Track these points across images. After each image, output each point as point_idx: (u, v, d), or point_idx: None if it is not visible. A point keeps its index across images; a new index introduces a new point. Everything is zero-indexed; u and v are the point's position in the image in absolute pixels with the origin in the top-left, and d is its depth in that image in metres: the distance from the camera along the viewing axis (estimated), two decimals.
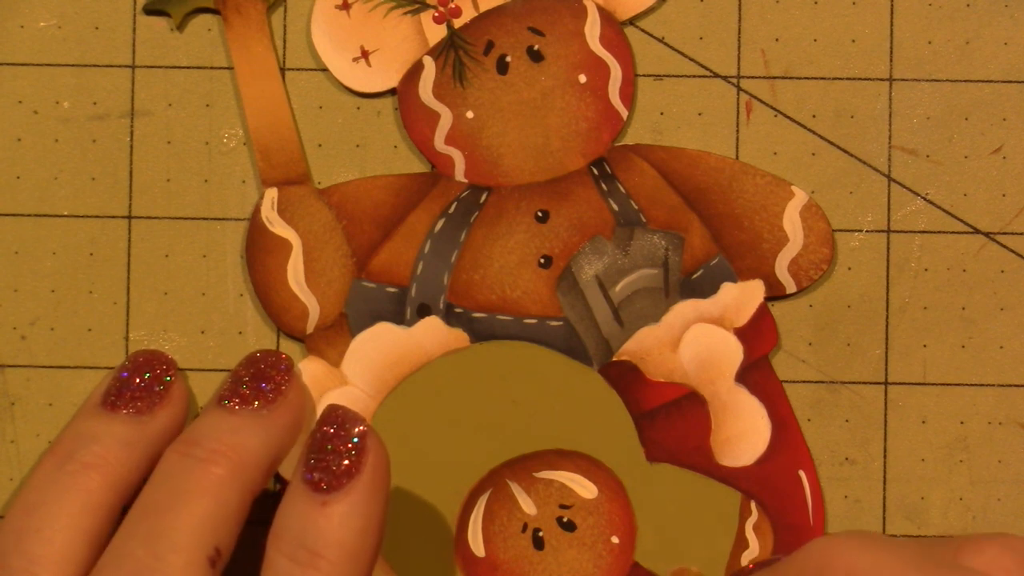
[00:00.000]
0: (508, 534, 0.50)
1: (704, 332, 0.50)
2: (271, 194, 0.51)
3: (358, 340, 0.50)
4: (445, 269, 0.50)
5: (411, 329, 0.50)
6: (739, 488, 0.50)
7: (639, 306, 0.50)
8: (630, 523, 0.50)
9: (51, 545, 0.42)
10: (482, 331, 0.50)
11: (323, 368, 0.50)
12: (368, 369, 0.50)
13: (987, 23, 0.51)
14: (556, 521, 0.50)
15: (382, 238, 0.51)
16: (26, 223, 0.51)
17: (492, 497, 0.50)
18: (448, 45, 0.51)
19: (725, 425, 0.50)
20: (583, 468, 0.50)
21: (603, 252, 0.50)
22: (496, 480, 0.50)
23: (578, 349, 0.50)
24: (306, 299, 0.50)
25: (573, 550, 0.50)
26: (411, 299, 0.50)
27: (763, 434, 0.50)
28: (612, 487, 0.50)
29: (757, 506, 0.50)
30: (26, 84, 0.51)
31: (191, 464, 0.44)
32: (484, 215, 0.51)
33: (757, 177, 0.51)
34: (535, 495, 0.50)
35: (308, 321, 0.50)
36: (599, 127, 0.51)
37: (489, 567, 0.50)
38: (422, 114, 0.51)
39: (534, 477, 0.50)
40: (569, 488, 0.50)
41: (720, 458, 0.50)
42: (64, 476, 0.44)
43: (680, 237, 0.50)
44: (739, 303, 0.50)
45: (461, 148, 0.51)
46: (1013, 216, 0.51)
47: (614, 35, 0.51)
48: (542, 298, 0.50)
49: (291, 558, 0.42)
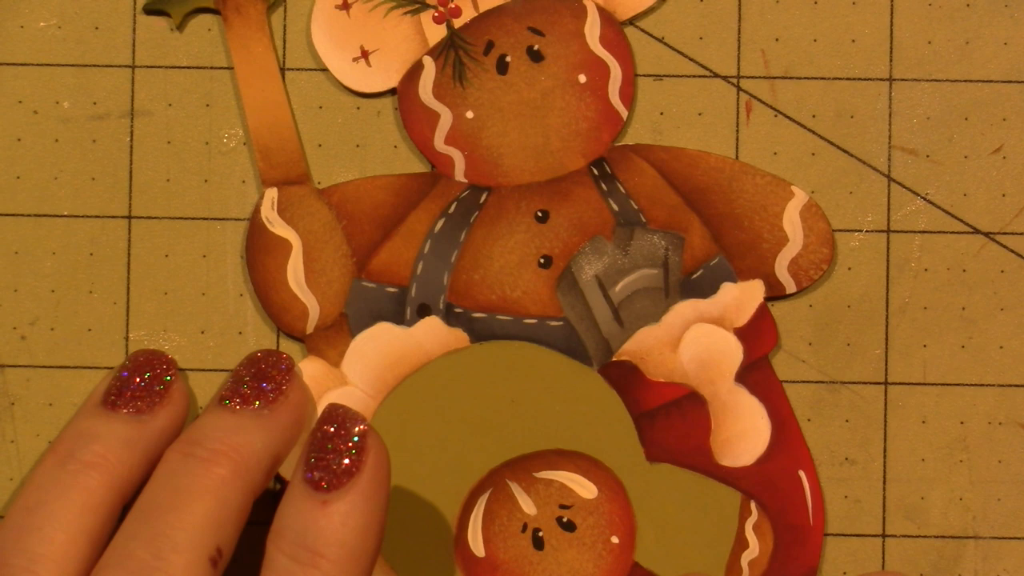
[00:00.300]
0: (508, 534, 0.50)
1: (704, 332, 0.50)
2: (271, 194, 0.50)
3: (358, 340, 0.50)
4: (445, 269, 0.50)
5: (411, 329, 0.50)
6: (739, 488, 0.50)
7: (639, 306, 0.50)
8: (630, 523, 0.50)
9: (52, 544, 0.42)
10: (482, 331, 0.50)
11: (323, 368, 0.50)
12: (368, 369, 0.50)
13: (987, 23, 0.51)
14: (556, 521, 0.50)
15: (382, 238, 0.51)
16: (26, 223, 0.51)
17: (492, 497, 0.50)
18: (448, 45, 0.51)
19: (725, 425, 0.50)
20: (583, 468, 0.50)
21: (603, 252, 0.50)
22: (496, 480, 0.50)
23: (578, 349, 0.50)
24: (306, 299, 0.50)
25: (573, 550, 0.50)
26: (411, 299, 0.50)
27: (763, 434, 0.50)
28: (612, 487, 0.50)
29: (757, 506, 0.50)
30: (26, 84, 0.51)
31: (193, 464, 0.43)
32: (484, 215, 0.51)
33: (757, 177, 0.51)
34: (535, 495, 0.50)
35: (308, 321, 0.50)
36: (599, 127, 0.51)
37: (489, 567, 0.50)
38: (422, 114, 0.51)
39: (534, 477, 0.50)
40: (569, 488, 0.50)
41: (720, 458, 0.50)
42: (65, 475, 0.44)
43: (680, 237, 0.50)
44: (739, 303, 0.50)
45: (461, 148, 0.51)
46: (1013, 216, 0.51)
47: (614, 35, 0.51)
48: (542, 298, 0.50)
49: (292, 557, 0.42)
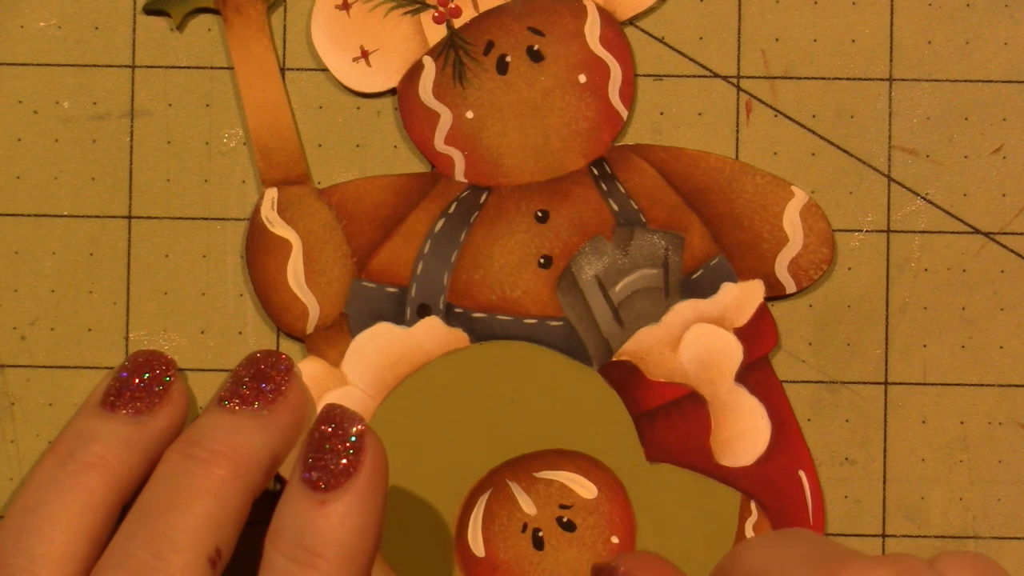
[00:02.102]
0: (508, 534, 0.50)
1: (704, 332, 0.50)
2: (271, 194, 0.50)
3: (358, 340, 0.50)
4: (445, 269, 0.50)
5: (411, 329, 0.50)
6: (739, 488, 0.50)
7: (639, 306, 0.50)
8: (630, 523, 0.50)
9: (51, 544, 0.42)
10: (482, 331, 0.50)
11: (323, 368, 0.50)
12: (368, 369, 0.50)
13: (987, 23, 0.51)
14: (556, 521, 0.50)
15: (382, 238, 0.51)
16: (26, 223, 0.51)
17: (492, 497, 0.50)
18: (448, 45, 0.51)
19: (725, 425, 0.50)
20: (583, 468, 0.50)
21: (603, 252, 0.50)
22: (496, 480, 0.50)
23: (578, 349, 0.50)
24: (306, 299, 0.50)
25: (573, 550, 0.50)
26: (411, 299, 0.50)
27: (763, 434, 0.50)
28: (612, 487, 0.50)
29: (757, 506, 0.50)
30: (26, 84, 0.51)
31: (192, 465, 0.44)
32: (484, 215, 0.51)
33: (757, 177, 0.51)
34: (535, 495, 0.50)
35: (308, 321, 0.50)
36: (599, 127, 0.51)
37: (489, 567, 0.50)
38: (422, 114, 0.51)
39: (534, 477, 0.50)
40: (569, 488, 0.50)
41: (720, 458, 0.50)
42: (65, 475, 0.44)
43: (680, 237, 0.50)
44: (739, 303, 0.50)
45: (461, 148, 0.51)
46: (1013, 216, 0.51)
47: (614, 35, 0.51)
48: (542, 298, 0.50)
49: (290, 557, 0.42)
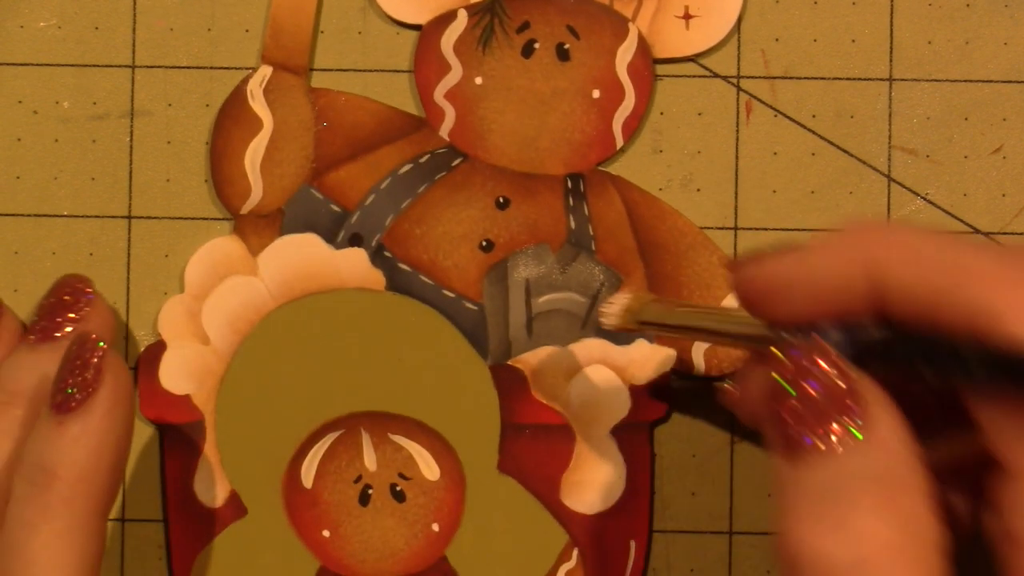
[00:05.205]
0: (340, 478, 0.50)
1: (601, 374, 0.50)
2: (264, 71, 0.50)
3: (284, 240, 0.50)
4: (392, 211, 0.50)
5: (337, 252, 0.50)
6: (569, 531, 0.50)
7: (553, 324, 0.50)
8: (456, 518, 0.50)
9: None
10: (400, 284, 0.50)
11: (240, 251, 0.50)
12: (281, 270, 0.50)
13: (987, 23, 0.51)
14: (390, 487, 0.50)
15: (347, 157, 0.50)
16: (26, 223, 0.51)
17: (340, 439, 0.50)
18: (487, 8, 0.51)
19: (582, 469, 0.50)
20: (436, 449, 0.50)
21: (543, 261, 0.50)
22: (351, 424, 0.50)
23: (481, 339, 0.50)
24: (253, 181, 0.50)
25: (392, 520, 0.50)
26: (349, 224, 0.50)
27: (614, 492, 0.50)
28: (455, 478, 0.50)
29: (579, 555, 0.50)
30: (26, 84, 0.51)
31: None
32: (450, 178, 0.51)
33: (713, 255, 0.51)
34: (381, 454, 0.50)
35: (247, 202, 0.50)
36: (591, 145, 0.51)
37: (309, 501, 0.50)
38: (435, 60, 0.51)
39: (388, 438, 0.50)
40: (415, 461, 0.50)
41: (565, 497, 0.50)
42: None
43: (620, 279, 0.50)
44: (646, 362, 0.50)
45: (456, 107, 0.50)
46: (1013, 216, 0.51)
47: (643, 67, 0.51)
48: (469, 278, 0.50)
49: (28, 480, 0.42)
